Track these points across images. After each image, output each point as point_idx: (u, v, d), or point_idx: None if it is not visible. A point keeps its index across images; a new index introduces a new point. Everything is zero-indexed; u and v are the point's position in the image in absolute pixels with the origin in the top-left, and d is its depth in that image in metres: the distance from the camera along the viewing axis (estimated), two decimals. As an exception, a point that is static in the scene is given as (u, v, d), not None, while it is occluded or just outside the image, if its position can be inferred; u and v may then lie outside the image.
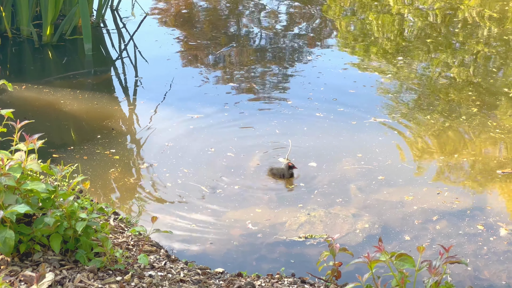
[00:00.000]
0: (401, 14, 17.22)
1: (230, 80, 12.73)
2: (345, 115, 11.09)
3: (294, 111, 11.25)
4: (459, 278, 7.26)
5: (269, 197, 8.73)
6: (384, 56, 14.30)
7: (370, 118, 10.94)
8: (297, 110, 11.28)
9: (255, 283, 6.18)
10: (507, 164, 9.66)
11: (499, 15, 16.93)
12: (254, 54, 14.31)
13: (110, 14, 16.02)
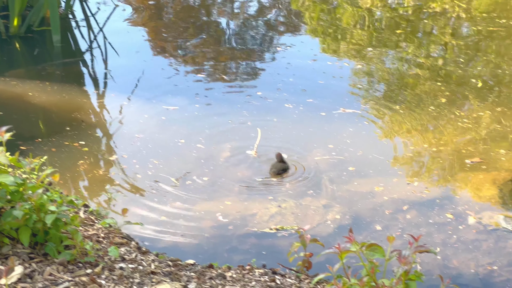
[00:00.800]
0: (371, 5, 17.26)
1: (200, 71, 12.69)
2: (314, 106, 11.10)
3: (263, 102, 11.25)
4: (428, 267, 7.31)
5: (239, 188, 8.71)
6: (354, 47, 14.33)
7: (339, 109, 10.97)
8: (267, 101, 11.27)
9: (226, 274, 6.17)
10: (475, 154, 9.74)
11: (468, 5, 17.03)
12: (224, 45, 14.28)
13: (79, 5, 15.86)
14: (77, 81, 12.25)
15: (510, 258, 7.51)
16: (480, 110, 11.15)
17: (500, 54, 14.11)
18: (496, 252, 7.63)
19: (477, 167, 9.39)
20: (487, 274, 7.25)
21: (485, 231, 7.99)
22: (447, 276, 7.08)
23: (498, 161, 9.55)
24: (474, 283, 7.10)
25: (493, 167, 9.40)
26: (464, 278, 7.16)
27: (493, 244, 7.77)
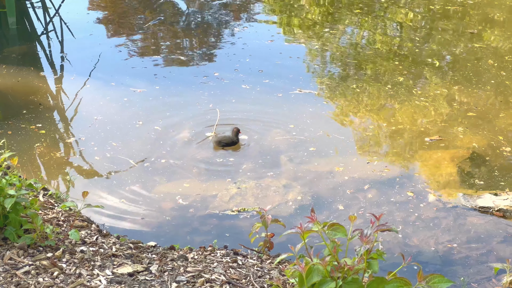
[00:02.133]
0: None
1: (158, 53, 12.60)
2: (271, 87, 11.08)
3: (221, 83, 11.20)
4: (389, 246, 7.35)
5: (198, 170, 8.67)
6: (311, 27, 14.33)
7: (295, 89, 10.96)
8: (224, 82, 11.23)
9: (188, 256, 6.14)
10: (434, 132, 9.81)
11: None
12: (181, 27, 14.18)
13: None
14: (34, 64, 12.08)
15: (469, 235, 7.59)
16: (438, 89, 11.23)
17: (458, 33, 14.21)
18: (455, 229, 7.70)
19: (436, 145, 9.46)
20: (446, 251, 7.31)
21: (445, 208, 8.06)
22: (407, 254, 7.14)
23: (456, 139, 9.63)
24: (434, 260, 7.15)
25: (452, 144, 9.48)
26: (424, 255, 7.22)
27: (453, 222, 7.83)
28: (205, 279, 5.47)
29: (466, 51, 13.16)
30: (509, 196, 8.16)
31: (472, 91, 11.19)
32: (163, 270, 5.59)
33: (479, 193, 8.35)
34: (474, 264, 7.12)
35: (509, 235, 7.65)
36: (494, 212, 8.00)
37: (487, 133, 9.83)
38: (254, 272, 5.83)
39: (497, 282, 6.77)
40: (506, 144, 9.51)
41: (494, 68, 12.22)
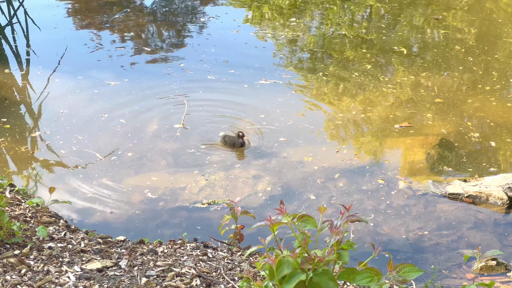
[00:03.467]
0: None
1: (124, 45, 12.47)
2: (237, 77, 11.02)
3: (187, 74, 11.11)
4: (361, 235, 7.34)
5: (166, 162, 8.59)
6: (277, 17, 14.28)
7: (261, 79, 10.91)
8: (190, 73, 11.14)
9: (158, 249, 6.09)
10: (403, 118, 9.81)
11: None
12: (147, 18, 14.06)
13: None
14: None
15: (439, 222, 7.61)
16: (405, 76, 11.24)
17: (423, 20, 14.24)
18: (426, 216, 7.71)
19: (405, 131, 9.47)
20: (417, 239, 7.32)
21: (415, 196, 8.07)
22: (379, 243, 7.14)
23: (425, 125, 9.65)
24: (405, 248, 7.16)
25: (421, 131, 9.50)
26: (395, 243, 7.22)
27: (423, 209, 7.84)
28: (175, 273, 5.42)
29: (432, 38, 13.19)
30: (478, 182, 8.19)
31: (439, 77, 11.22)
32: (132, 265, 5.53)
33: (448, 179, 8.37)
34: (444, 251, 7.14)
35: (479, 221, 7.68)
36: (464, 198, 8.03)
37: (455, 119, 9.85)
38: (225, 264, 5.79)
39: (468, 269, 6.79)
40: (474, 130, 9.55)
41: (461, 54, 12.25)
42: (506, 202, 7.93)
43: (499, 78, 11.26)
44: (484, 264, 6.76)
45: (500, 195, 7.95)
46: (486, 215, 7.79)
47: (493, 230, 7.55)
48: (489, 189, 8.02)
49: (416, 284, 6.25)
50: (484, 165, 8.81)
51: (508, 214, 7.84)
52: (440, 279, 6.61)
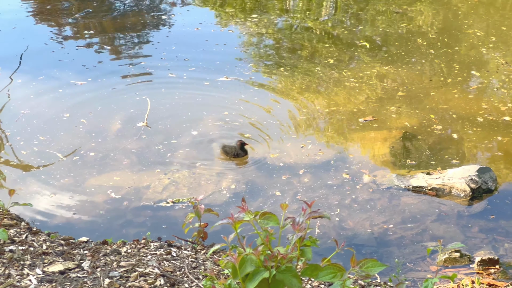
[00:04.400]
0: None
1: (86, 45, 12.35)
2: (198, 74, 10.97)
3: (149, 72, 11.02)
4: (326, 230, 7.34)
5: (129, 161, 8.51)
6: (239, 14, 14.24)
7: (222, 76, 10.87)
8: (152, 71, 11.07)
9: (121, 250, 6.03)
10: (367, 112, 9.84)
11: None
12: (109, 17, 13.94)
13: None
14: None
15: (404, 216, 7.63)
16: (368, 70, 11.28)
17: (388, 14, 14.29)
18: (390, 210, 7.74)
19: (369, 125, 9.49)
20: (382, 232, 7.34)
21: (379, 190, 8.09)
22: (344, 237, 7.15)
23: (389, 119, 9.68)
24: (370, 242, 7.17)
25: (385, 125, 9.53)
26: (360, 238, 7.23)
27: (387, 203, 7.87)
28: (138, 273, 5.37)
29: (394, 31, 13.24)
30: (441, 174, 8.24)
31: (402, 70, 11.26)
32: (95, 266, 5.47)
33: (412, 172, 8.40)
34: (409, 244, 7.17)
35: (442, 214, 7.72)
36: (427, 191, 8.06)
37: (419, 112, 9.90)
38: (189, 263, 5.75)
39: (432, 261, 6.82)
40: (437, 122, 9.60)
41: (423, 47, 12.32)
42: (468, 194, 7.98)
43: (461, 70, 11.33)
44: (448, 256, 6.80)
45: (463, 187, 8.00)
46: (450, 207, 7.84)
47: (457, 222, 7.60)
48: (452, 181, 8.07)
49: (381, 278, 6.27)
50: (447, 157, 8.87)
51: (471, 205, 7.89)
52: (405, 272, 6.64)
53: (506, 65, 11.52)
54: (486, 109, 10.02)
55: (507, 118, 9.75)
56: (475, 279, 6.19)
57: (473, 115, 9.87)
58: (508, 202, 8.01)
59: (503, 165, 8.80)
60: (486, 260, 6.71)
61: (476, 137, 9.33)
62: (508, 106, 10.11)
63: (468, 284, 6.06)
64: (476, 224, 7.58)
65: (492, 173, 8.24)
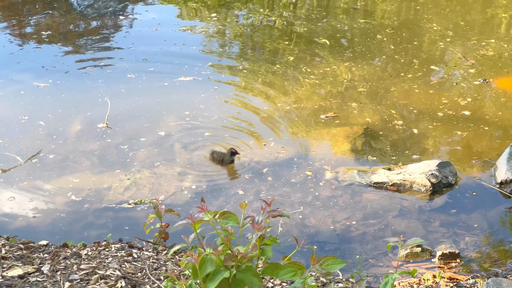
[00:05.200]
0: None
1: (45, 46, 12.20)
2: (156, 75, 10.89)
3: (108, 73, 10.92)
4: (288, 227, 7.34)
5: (89, 163, 8.42)
6: (198, 13, 14.19)
7: (180, 76, 10.81)
8: (111, 72, 10.96)
9: (82, 252, 5.97)
10: (328, 109, 9.85)
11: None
12: (68, 18, 13.80)
13: None
14: None
15: (366, 212, 7.66)
16: (329, 66, 11.31)
17: (346, 10, 14.35)
18: (352, 206, 7.76)
19: (331, 122, 9.52)
20: (344, 229, 7.36)
21: (341, 186, 8.11)
22: (306, 235, 7.16)
23: (350, 115, 9.71)
24: (332, 239, 7.18)
25: (346, 121, 9.56)
26: (322, 235, 7.24)
27: (349, 199, 7.89)
28: (99, 275, 5.33)
29: (353, 28, 13.29)
30: (402, 170, 8.28)
31: (362, 66, 11.31)
32: (55, 270, 5.41)
33: (373, 169, 8.43)
34: (371, 240, 7.20)
35: (404, 209, 7.76)
36: (388, 187, 8.10)
37: (380, 107, 9.94)
38: (150, 264, 5.72)
39: (394, 257, 6.86)
40: (398, 118, 9.65)
41: (383, 42, 12.38)
42: (429, 189, 8.04)
43: (420, 65, 11.41)
44: (409, 251, 6.84)
45: (424, 182, 8.05)
46: (411, 203, 7.89)
47: (418, 216, 7.64)
48: (413, 177, 8.11)
49: (343, 275, 6.28)
50: (408, 152, 8.92)
51: (432, 200, 7.95)
52: (367, 268, 6.67)
53: (464, 60, 11.62)
54: (446, 104, 10.09)
55: (467, 113, 9.83)
56: (436, 273, 6.24)
57: (434, 110, 9.94)
58: (468, 196, 8.08)
59: (463, 159, 8.87)
60: (447, 254, 6.76)
61: (436, 132, 9.39)
62: (467, 100, 10.20)
63: (429, 278, 6.10)
64: (437, 219, 7.63)
65: (452, 167, 8.30)
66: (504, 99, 10.26)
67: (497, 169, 8.39)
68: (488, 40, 12.59)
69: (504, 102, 10.17)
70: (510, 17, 14.13)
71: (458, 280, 6.15)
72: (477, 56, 11.80)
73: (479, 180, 8.37)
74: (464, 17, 13.99)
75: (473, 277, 6.21)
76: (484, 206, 7.90)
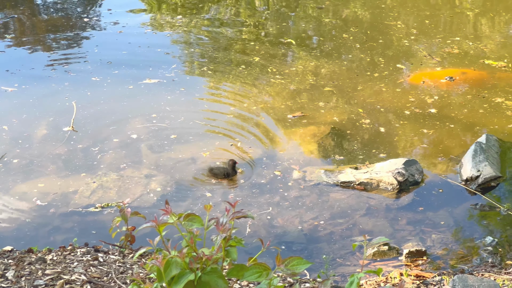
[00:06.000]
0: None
1: (7, 50, 12.04)
2: (121, 78, 10.79)
3: (72, 76, 10.78)
4: (256, 228, 7.34)
5: (55, 167, 8.34)
6: (163, 16, 14.13)
7: (145, 79, 10.74)
8: (75, 75, 10.83)
9: (47, 257, 5.91)
10: (295, 108, 9.87)
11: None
12: (30, 20, 13.68)
13: None
14: None
15: (333, 211, 7.68)
16: (294, 66, 11.32)
17: (311, 10, 14.37)
18: (320, 206, 7.77)
19: (298, 121, 9.53)
20: (312, 229, 7.37)
21: (309, 186, 8.12)
22: (274, 235, 7.16)
23: (318, 114, 9.73)
24: (300, 239, 7.19)
25: (314, 120, 9.57)
26: (290, 235, 7.24)
27: (316, 199, 7.90)
28: (64, 280, 5.27)
29: (319, 27, 13.32)
30: (369, 169, 8.30)
31: (329, 66, 11.33)
32: (20, 275, 5.35)
33: (340, 168, 8.45)
34: (338, 239, 7.21)
35: (371, 208, 7.79)
36: (356, 186, 8.12)
37: (347, 106, 9.97)
38: (116, 268, 5.67)
39: (361, 256, 6.88)
40: (365, 116, 9.68)
41: (349, 42, 12.41)
42: (396, 187, 8.07)
43: (387, 64, 11.46)
44: (376, 250, 6.86)
45: (390, 180, 8.08)
46: (378, 201, 7.92)
47: (385, 215, 7.67)
48: (380, 175, 8.14)
49: (310, 274, 6.28)
50: (375, 151, 8.94)
51: (399, 198, 7.98)
52: (335, 267, 6.68)
53: (429, 58, 11.68)
54: (413, 102, 10.14)
55: (433, 110, 9.89)
56: (403, 271, 6.27)
57: (400, 108, 9.98)
58: (434, 194, 8.12)
59: (429, 157, 8.92)
60: (414, 252, 6.80)
61: (402, 130, 9.44)
62: (434, 98, 10.25)
63: (396, 276, 6.12)
64: (404, 217, 7.67)
65: (419, 165, 8.34)
66: (469, 97, 10.33)
67: (463, 166, 8.45)
68: (453, 38, 12.67)
69: (470, 100, 10.24)
70: (476, 15, 14.23)
71: (424, 278, 6.18)
72: (443, 54, 11.87)
73: (445, 178, 8.42)
74: (429, 15, 14.06)
75: (440, 274, 6.24)
76: (450, 203, 7.96)
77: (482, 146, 8.52)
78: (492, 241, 7.16)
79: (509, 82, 10.80)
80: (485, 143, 8.62)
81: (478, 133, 9.31)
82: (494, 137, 8.97)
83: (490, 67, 11.34)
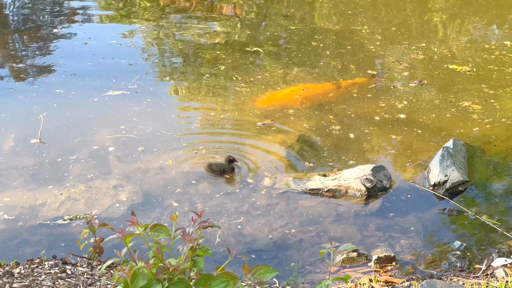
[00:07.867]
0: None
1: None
2: (85, 90, 10.67)
3: (36, 89, 10.66)
4: (225, 237, 7.33)
5: (23, 179, 8.26)
6: (129, 27, 14.07)
7: (108, 90, 10.67)
8: (39, 87, 10.71)
9: (14, 271, 5.86)
10: (264, 116, 9.87)
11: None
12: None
13: None
14: None
15: (302, 219, 7.68)
16: (262, 73, 11.34)
17: (276, 18, 14.43)
18: (289, 214, 7.77)
19: (268, 129, 9.53)
20: (281, 237, 7.37)
21: (278, 194, 8.12)
22: (243, 244, 7.16)
23: (287, 122, 9.74)
24: (269, 247, 7.18)
25: (283, 128, 9.57)
26: (259, 243, 7.23)
27: (285, 207, 7.90)
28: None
29: (286, 35, 13.35)
30: (337, 176, 8.32)
31: (299, 73, 11.36)
32: (-14, 290, 5.31)
33: (308, 175, 8.46)
34: (308, 247, 7.22)
35: (340, 214, 7.80)
36: (324, 193, 8.13)
37: (318, 113, 9.99)
38: (84, 280, 5.64)
39: (330, 262, 6.88)
40: (336, 123, 9.70)
41: (319, 49, 12.45)
42: (364, 193, 8.09)
43: (357, 70, 11.51)
44: (345, 256, 6.87)
45: (359, 186, 8.11)
46: (347, 208, 7.94)
47: (354, 221, 7.69)
48: (348, 182, 8.16)
49: (280, 282, 6.28)
50: (344, 158, 8.97)
51: (367, 205, 8.01)
52: (304, 275, 6.68)
53: (397, 63, 11.75)
54: (383, 108, 10.20)
55: (402, 116, 9.94)
56: (372, 277, 6.28)
57: (371, 114, 10.03)
58: (403, 199, 8.16)
59: (397, 162, 8.96)
60: (383, 257, 6.82)
61: (372, 136, 9.48)
62: (404, 103, 10.31)
63: (365, 282, 6.14)
64: (373, 223, 7.69)
65: (387, 171, 8.38)
66: (437, 101, 10.40)
67: (430, 171, 8.50)
68: (419, 44, 12.76)
69: (437, 104, 10.31)
70: (443, 22, 14.34)
71: (394, 283, 6.20)
72: (408, 59, 11.95)
73: (413, 183, 8.46)
74: (397, 22, 14.16)
75: (409, 280, 6.26)
76: (419, 209, 8.00)
77: (449, 151, 8.57)
78: (460, 246, 7.20)
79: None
80: (452, 148, 8.67)
81: (446, 138, 9.38)
82: (461, 141, 9.03)
83: (455, 72, 11.43)
